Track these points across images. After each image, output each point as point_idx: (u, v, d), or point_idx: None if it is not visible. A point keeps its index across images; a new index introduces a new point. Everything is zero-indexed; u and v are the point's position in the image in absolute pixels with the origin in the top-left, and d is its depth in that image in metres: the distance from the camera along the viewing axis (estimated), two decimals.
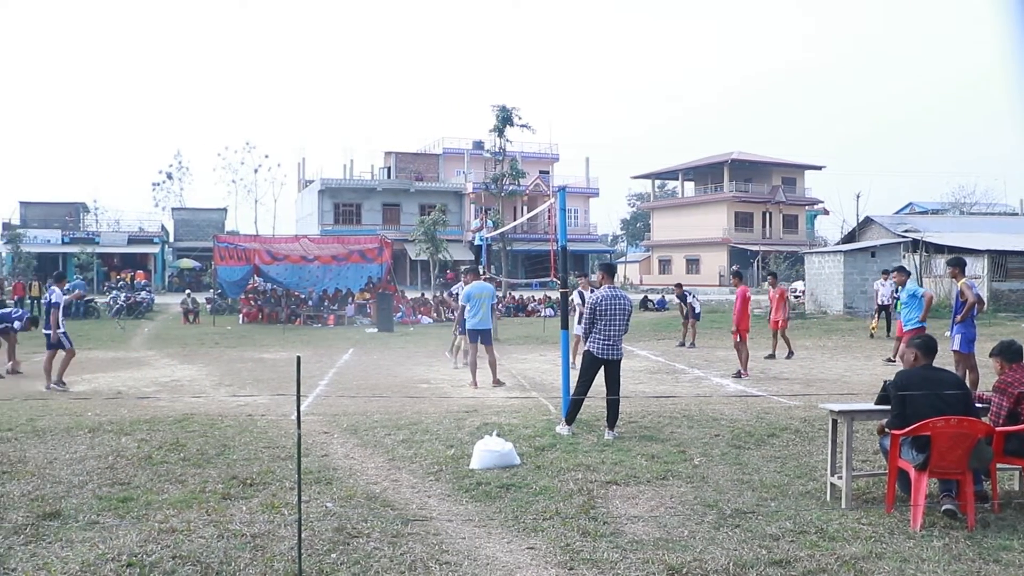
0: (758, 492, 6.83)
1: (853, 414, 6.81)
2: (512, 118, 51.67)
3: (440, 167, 68.52)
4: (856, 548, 5.43)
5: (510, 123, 51.84)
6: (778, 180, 72.45)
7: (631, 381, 13.82)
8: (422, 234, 44.66)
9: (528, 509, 6.37)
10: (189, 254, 61.96)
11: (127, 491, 6.86)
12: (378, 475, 7.51)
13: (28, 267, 48.77)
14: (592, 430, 9.33)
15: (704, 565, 5.14)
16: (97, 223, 66.30)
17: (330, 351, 19.81)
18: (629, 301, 9.46)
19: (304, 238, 36.25)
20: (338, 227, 60.92)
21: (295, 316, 30.51)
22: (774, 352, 17.62)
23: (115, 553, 5.33)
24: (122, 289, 37.20)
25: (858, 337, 22.67)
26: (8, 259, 52.24)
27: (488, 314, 13.37)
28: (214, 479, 7.27)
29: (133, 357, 18.62)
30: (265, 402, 11.79)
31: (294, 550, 5.17)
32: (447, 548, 5.49)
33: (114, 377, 14.90)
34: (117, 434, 9.21)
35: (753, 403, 11.45)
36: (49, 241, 57.28)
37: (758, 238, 68.78)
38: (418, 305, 33.00)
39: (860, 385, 13.20)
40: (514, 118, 51.72)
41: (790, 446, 8.59)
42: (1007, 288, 31.26)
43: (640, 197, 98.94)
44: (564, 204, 10.37)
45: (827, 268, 31.72)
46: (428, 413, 10.62)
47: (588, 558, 5.29)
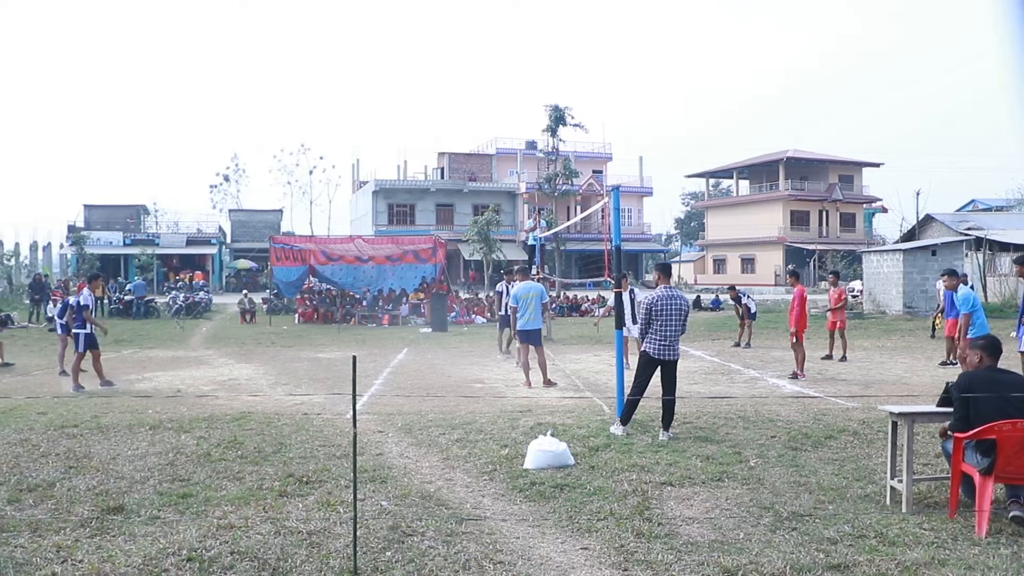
0: (815, 495, 6.73)
1: (914, 416, 6.67)
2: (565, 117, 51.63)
3: (493, 167, 68.64)
4: (918, 554, 5.32)
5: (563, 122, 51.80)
6: (835, 178, 71.29)
7: (686, 382, 13.71)
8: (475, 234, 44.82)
9: (582, 509, 6.36)
10: (246, 255, 62.79)
11: (187, 487, 6.98)
12: (432, 474, 7.54)
13: (92, 268, 49.85)
14: (647, 431, 9.27)
15: (760, 568, 5.08)
16: (157, 225, 67.46)
17: (384, 351, 19.94)
18: (686, 301, 9.37)
19: (358, 239, 36.55)
20: (392, 227, 61.34)
21: (350, 316, 30.77)
22: (831, 353, 17.34)
23: (175, 548, 5.43)
24: (181, 289, 37.90)
25: (918, 338, 22.23)
26: (73, 260, 53.43)
27: (537, 314, 13.36)
28: (271, 476, 7.36)
29: (192, 356, 18.94)
30: (321, 401, 11.91)
31: (349, 547, 5.22)
32: (501, 547, 5.50)
33: (173, 376, 15.16)
34: (177, 431, 9.39)
35: (810, 404, 11.29)
36: (111, 243, 58.47)
37: (814, 237, 67.76)
38: (472, 305, 33.10)
39: (921, 387, 12.94)
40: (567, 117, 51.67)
41: (848, 448, 8.46)
42: None
43: (694, 196, 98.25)
44: (618, 203, 10.33)
45: (886, 267, 31.18)
46: (482, 413, 10.64)
47: (642, 559, 5.26)
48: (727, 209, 76.26)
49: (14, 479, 7.24)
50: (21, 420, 10.14)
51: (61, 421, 10.00)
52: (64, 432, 9.33)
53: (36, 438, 9.00)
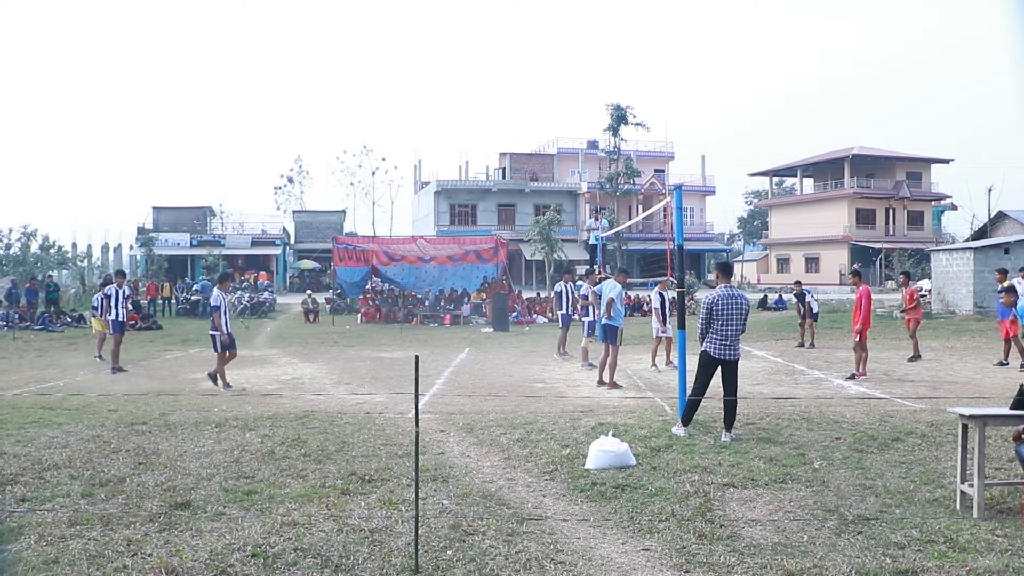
0: (882, 498, 6.60)
1: (985, 419, 6.52)
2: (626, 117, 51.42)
3: (554, 167, 68.57)
4: (990, 561, 5.19)
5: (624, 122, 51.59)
6: (902, 175, 69.79)
7: (749, 382, 13.56)
8: (537, 234, 44.80)
9: (643, 510, 6.32)
10: (309, 255, 63.56)
11: (251, 484, 7.10)
12: (494, 473, 7.57)
13: (160, 269, 50.95)
14: (709, 431, 9.19)
15: (824, 572, 5.01)
16: (223, 226, 68.57)
17: (446, 350, 20.05)
18: (746, 300, 9.28)
19: (420, 239, 36.80)
20: (454, 228, 61.63)
21: (412, 316, 31.00)
22: (917, 353, 17.02)
23: (240, 543, 5.53)
24: (246, 290, 38.48)
25: (989, 338, 21.64)
26: (142, 261, 54.65)
27: (617, 313, 13.26)
28: (334, 475, 7.45)
29: (257, 355, 19.26)
30: (383, 400, 12.02)
31: (411, 546, 5.26)
32: (562, 548, 5.49)
33: (239, 374, 15.41)
34: (242, 429, 9.55)
35: (876, 406, 11.08)
36: (179, 244, 59.67)
37: (880, 235, 66.42)
38: (533, 305, 33.11)
39: (992, 388, 12.62)
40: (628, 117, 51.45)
41: (916, 451, 8.28)
42: None
43: (757, 194, 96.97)
44: (680, 203, 10.25)
45: (955, 266, 30.45)
46: (543, 412, 10.64)
47: (704, 561, 5.22)
48: (791, 207, 75.12)
49: (87, 474, 7.44)
50: (93, 417, 10.41)
51: (131, 419, 10.25)
52: (134, 429, 9.56)
53: (107, 435, 9.24)
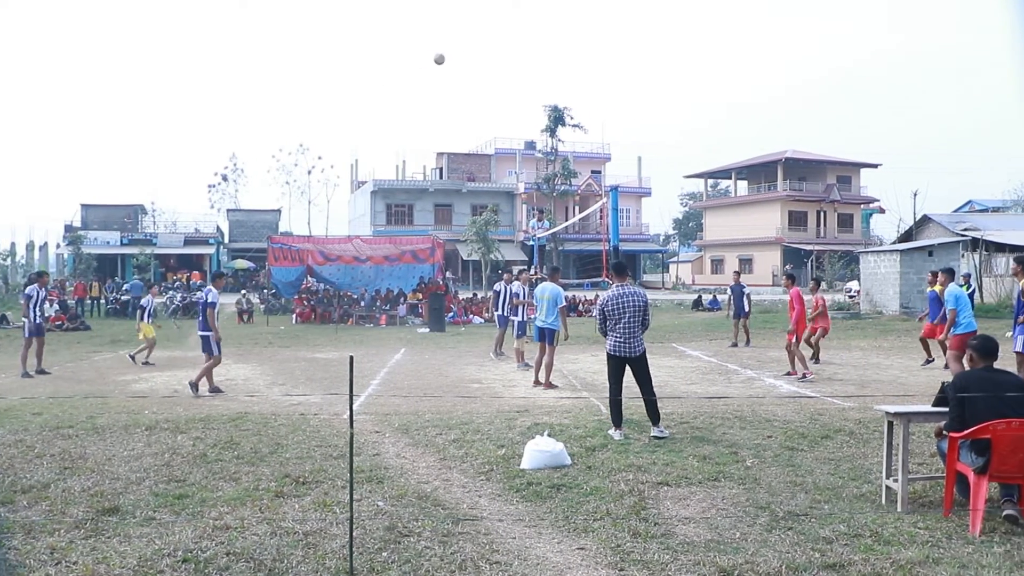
0: (811, 494, 6.74)
1: (909, 416, 6.69)
2: (564, 118, 51.79)
3: (492, 167, 68.66)
4: (912, 553, 5.33)
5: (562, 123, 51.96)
6: (833, 178, 71.37)
7: (683, 382, 13.73)
8: (474, 234, 44.84)
9: (579, 509, 6.36)
10: (244, 255, 62.75)
11: (183, 488, 6.98)
12: (429, 474, 7.55)
13: (88, 268, 49.81)
14: (643, 431, 9.28)
15: (756, 568, 5.09)
16: (155, 225, 67.30)
17: (382, 351, 19.93)
18: (642, 296, 9.33)
19: (357, 239, 36.56)
20: (390, 228, 61.37)
21: (347, 316, 30.78)
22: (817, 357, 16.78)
23: (171, 549, 5.43)
24: (178, 289, 37.78)
25: (914, 338, 22.08)
26: (70, 260, 53.39)
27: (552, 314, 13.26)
28: (267, 477, 7.36)
29: (189, 356, 18.90)
30: (318, 401, 11.91)
31: (346, 548, 5.22)
32: (497, 548, 5.50)
33: (171, 376, 15.16)
34: (173, 432, 9.38)
35: (806, 404, 11.30)
36: (109, 243, 58.44)
37: (812, 237, 67.81)
38: (470, 305, 33.10)
39: (916, 386, 12.95)
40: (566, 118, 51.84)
41: (844, 448, 8.47)
42: None
43: (692, 196, 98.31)
44: (616, 204, 10.39)
45: (883, 267, 31.20)
46: (479, 413, 10.64)
47: (639, 559, 5.27)
48: (725, 209, 76.30)
49: (8, 480, 7.23)
50: (16, 421, 10.13)
51: (56, 422, 9.99)
52: (59, 433, 9.32)
53: (31, 439, 8.99)
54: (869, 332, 24.41)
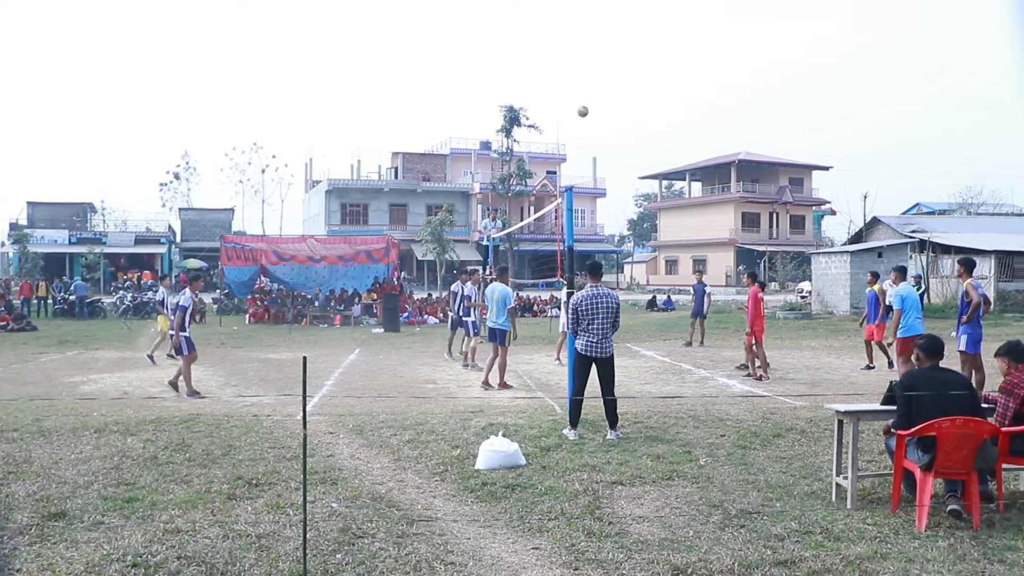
0: (763, 492, 6.82)
1: (859, 414, 6.80)
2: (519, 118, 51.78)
3: (447, 167, 68.54)
4: (861, 548, 5.42)
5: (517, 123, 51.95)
6: (785, 180, 72.27)
7: (637, 381, 13.82)
8: (429, 234, 44.72)
9: (533, 509, 6.37)
10: (196, 254, 61.96)
11: (132, 491, 6.87)
12: (384, 475, 7.52)
13: (35, 267, 48.86)
14: (598, 431, 9.32)
15: (709, 565, 5.14)
16: (104, 223, 66.30)
17: (336, 351, 19.81)
18: (614, 298, 9.41)
19: (311, 238, 36.29)
20: (345, 227, 60.98)
21: (301, 316, 30.54)
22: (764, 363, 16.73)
23: (120, 554, 5.34)
24: (129, 289, 37.24)
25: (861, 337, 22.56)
26: (15, 259, 52.34)
27: (502, 314, 13.15)
28: (219, 479, 7.28)
29: (139, 357, 18.63)
30: (271, 402, 11.81)
31: (299, 550, 5.18)
32: (452, 548, 5.49)
33: (120, 377, 14.93)
34: (123, 434, 9.24)
35: (759, 403, 11.43)
36: (56, 241, 57.37)
37: (765, 238, 68.64)
38: (425, 305, 33.01)
39: (866, 386, 13.15)
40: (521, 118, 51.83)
41: (796, 446, 8.58)
42: (1013, 288, 31.16)
43: (647, 197, 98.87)
44: (571, 204, 10.36)
45: (834, 268, 31.66)
46: (434, 413, 10.62)
47: (593, 558, 5.29)
48: (679, 210, 76.92)
49: None
50: None
51: (0, 425, 9.78)
52: (3, 436, 9.12)
53: None
54: (820, 332, 24.75)
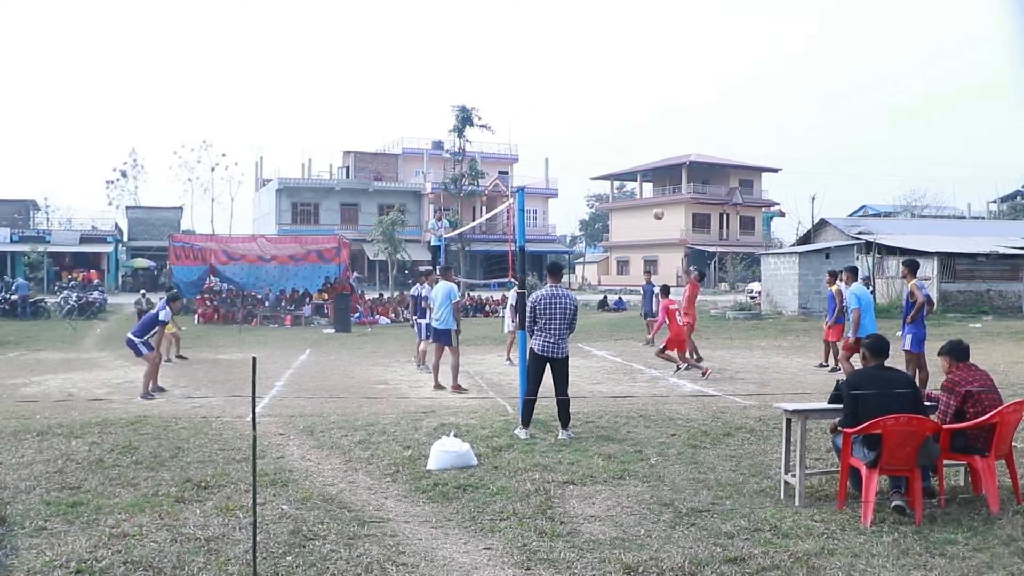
0: (713, 491, 6.88)
1: (807, 413, 6.89)
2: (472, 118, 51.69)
3: (399, 167, 68.25)
4: (809, 545, 5.51)
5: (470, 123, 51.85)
6: (735, 182, 73.10)
7: (588, 381, 13.88)
8: (380, 234, 44.48)
9: (485, 510, 6.37)
10: (144, 253, 61.03)
11: (77, 496, 6.75)
12: (335, 476, 7.47)
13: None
14: (550, 430, 9.35)
15: (660, 564, 5.18)
16: (48, 221, 65.04)
17: (287, 352, 19.65)
18: (573, 300, 9.48)
19: (261, 238, 35.97)
20: (296, 227, 60.46)
21: (251, 316, 30.27)
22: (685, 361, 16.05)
23: (63, 560, 5.23)
24: (74, 289, 36.50)
25: (812, 337, 22.87)
26: None
27: (448, 314, 13.02)
28: (167, 482, 7.18)
29: (84, 358, 18.34)
30: (220, 404, 11.68)
31: (249, 553, 5.13)
32: (404, 549, 5.47)
33: (64, 379, 14.66)
34: (67, 437, 9.06)
35: (709, 403, 11.55)
36: None
37: (715, 239, 69.34)
38: (376, 305, 32.86)
39: (814, 385, 13.35)
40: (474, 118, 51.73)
41: (745, 445, 8.68)
42: (955, 289, 31.82)
43: (599, 198, 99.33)
44: (523, 204, 10.37)
45: (783, 269, 32.07)
46: (385, 414, 10.58)
47: (545, 558, 5.30)
48: (631, 211, 77.35)
49: None
50: None
51: None
52: None
53: None
54: (769, 332, 25.07)
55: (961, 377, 6.67)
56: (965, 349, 6.88)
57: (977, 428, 6.44)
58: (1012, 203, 71.60)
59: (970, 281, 32.07)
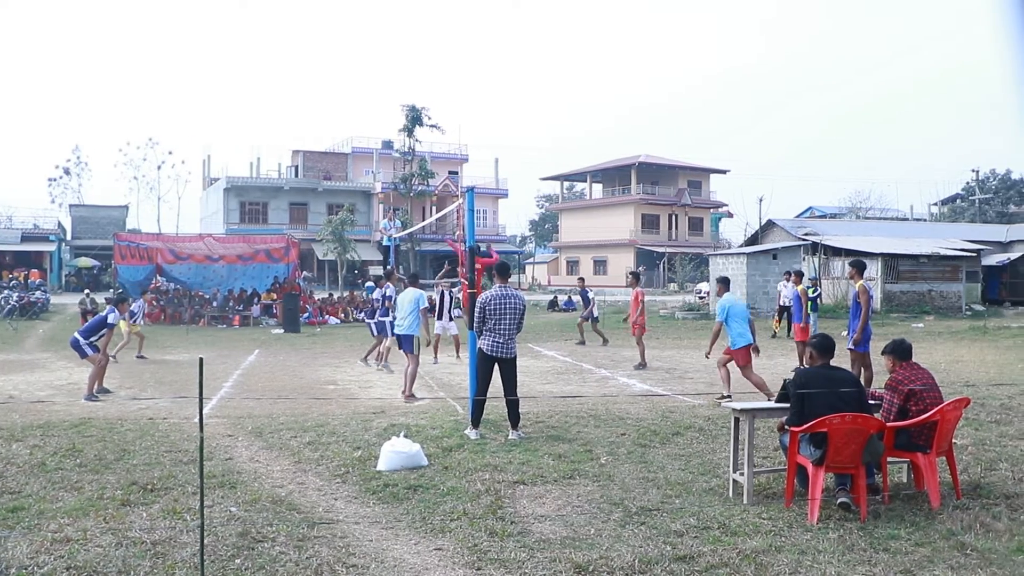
0: (663, 490, 6.94)
1: (754, 412, 6.98)
2: (422, 118, 51.70)
3: (349, 166, 67.81)
4: (756, 542, 5.58)
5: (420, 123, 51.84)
6: (684, 183, 73.79)
7: (539, 381, 13.92)
8: (330, 234, 44.19)
9: (436, 510, 6.36)
10: (88, 253, 59.93)
11: (18, 500, 6.60)
12: (284, 478, 7.40)
13: None
14: (500, 430, 9.36)
15: (610, 563, 5.21)
16: None
17: (235, 352, 19.44)
18: (521, 300, 9.51)
19: (209, 237, 35.56)
20: (244, 226, 59.77)
21: (199, 317, 29.89)
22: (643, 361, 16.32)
23: (3, 566, 5.12)
24: (15, 289, 35.75)
25: (760, 337, 23.02)
26: None
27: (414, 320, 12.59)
28: (113, 485, 7.06)
29: (26, 360, 17.96)
30: (167, 405, 11.51)
31: (196, 556, 5.06)
32: (354, 551, 5.44)
33: (5, 380, 14.34)
34: (8, 440, 8.86)
35: (658, 402, 11.64)
36: None
37: (664, 240, 69.95)
38: (325, 305, 32.63)
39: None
40: (424, 118, 51.75)
41: (694, 444, 8.76)
42: (898, 290, 32.43)
43: (549, 198, 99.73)
44: (473, 204, 10.38)
45: (731, 269, 32.42)
46: (335, 415, 10.51)
47: (496, 558, 5.31)
48: (581, 212, 77.77)
49: None
50: None
51: None
52: None
53: None
54: None
55: (904, 376, 6.81)
56: (908, 348, 7.03)
57: (919, 426, 6.57)
58: (952, 205, 73.34)
59: (913, 282, 32.71)
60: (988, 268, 36.83)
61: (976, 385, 12.66)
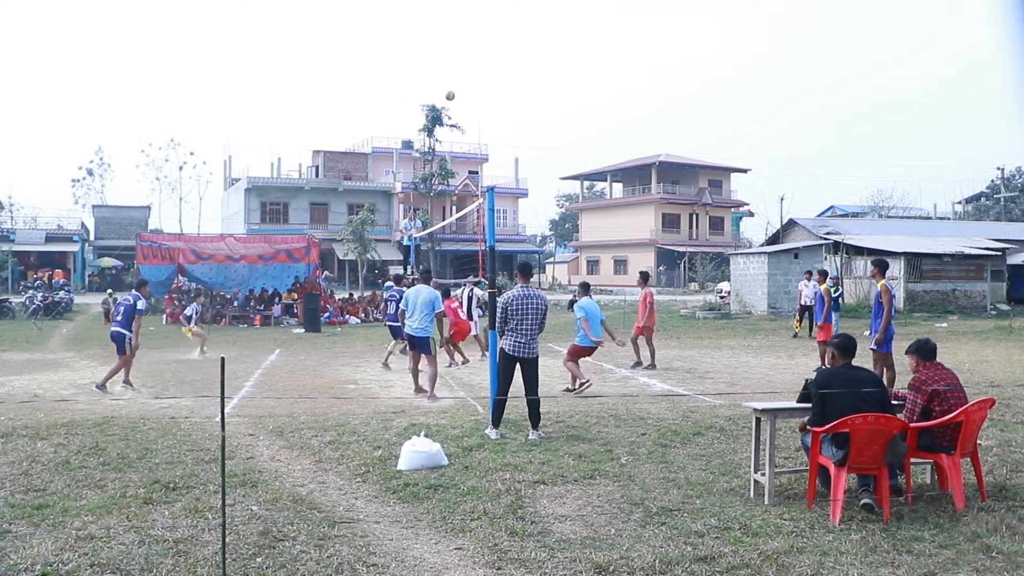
0: (684, 490, 6.92)
1: (776, 412, 6.94)
2: (442, 118, 51.67)
3: (369, 166, 67.93)
4: (778, 543, 5.55)
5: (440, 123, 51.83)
6: (704, 182, 73.45)
7: (559, 381, 13.88)
8: (350, 233, 44.31)
9: (456, 510, 6.37)
10: (111, 253, 60.46)
11: (42, 498, 6.66)
12: (304, 477, 7.43)
13: None
14: (520, 430, 9.35)
15: (630, 563, 5.19)
16: (12, 220, 64.18)
17: (256, 352, 19.52)
18: (543, 300, 9.51)
19: (230, 237, 35.70)
20: (265, 226, 59.99)
21: (220, 316, 30.02)
22: (639, 359, 16.13)
23: (28, 563, 5.16)
24: (39, 289, 36.08)
25: (781, 337, 23.10)
26: None
27: (427, 321, 12.35)
28: (135, 484, 7.11)
29: (50, 359, 18.12)
30: (189, 404, 11.57)
31: (218, 555, 5.08)
32: (374, 550, 5.46)
33: (30, 380, 14.46)
34: (32, 439, 8.94)
35: (679, 402, 11.60)
36: None
37: (685, 239, 69.67)
38: (346, 305, 32.72)
39: (783, 384, 13.44)
40: (444, 118, 51.72)
41: (715, 444, 8.73)
42: (921, 289, 32.21)
43: (569, 198, 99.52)
44: (493, 204, 10.37)
45: (752, 269, 32.30)
46: (355, 414, 10.53)
47: (516, 558, 5.31)
48: (601, 211, 77.56)
49: None
50: None
51: None
52: None
53: None
54: (739, 331, 25.23)
55: (928, 376, 6.75)
56: (932, 348, 6.97)
57: (943, 426, 6.52)
58: (977, 204, 72.62)
59: (936, 281, 32.48)
60: (1013, 267, 36.47)
61: (1001, 386, 12.55)
